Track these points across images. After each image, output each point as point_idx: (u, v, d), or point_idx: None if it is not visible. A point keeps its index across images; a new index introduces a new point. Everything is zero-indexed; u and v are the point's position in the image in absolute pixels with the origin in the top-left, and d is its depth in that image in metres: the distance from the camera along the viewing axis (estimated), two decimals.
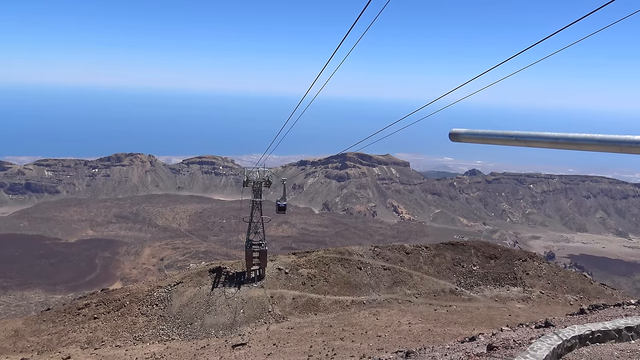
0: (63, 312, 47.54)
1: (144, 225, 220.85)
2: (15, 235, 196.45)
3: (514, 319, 38.11)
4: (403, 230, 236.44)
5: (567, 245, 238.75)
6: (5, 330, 44.70)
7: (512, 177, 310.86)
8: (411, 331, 36.50)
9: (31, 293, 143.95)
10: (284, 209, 50.05)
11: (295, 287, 47.61)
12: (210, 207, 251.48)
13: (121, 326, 43.44)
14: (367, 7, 9.93)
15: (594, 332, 13.99)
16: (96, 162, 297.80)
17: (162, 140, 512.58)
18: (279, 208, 49.58)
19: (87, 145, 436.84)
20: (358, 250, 54.61)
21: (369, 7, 9.96)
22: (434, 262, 53.29)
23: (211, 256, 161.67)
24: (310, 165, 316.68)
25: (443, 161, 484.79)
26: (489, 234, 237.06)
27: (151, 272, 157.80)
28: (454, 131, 5.61)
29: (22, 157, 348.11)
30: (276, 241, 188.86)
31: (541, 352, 12.28)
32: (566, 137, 4.44)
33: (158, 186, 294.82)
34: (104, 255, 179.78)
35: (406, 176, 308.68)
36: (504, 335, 17.69)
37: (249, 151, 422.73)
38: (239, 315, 43.45)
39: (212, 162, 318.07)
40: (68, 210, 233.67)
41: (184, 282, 48.36)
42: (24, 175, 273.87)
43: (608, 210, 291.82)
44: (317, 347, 34.04)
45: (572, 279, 53.25)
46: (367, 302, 46.29)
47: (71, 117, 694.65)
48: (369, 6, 9.86)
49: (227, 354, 35.11)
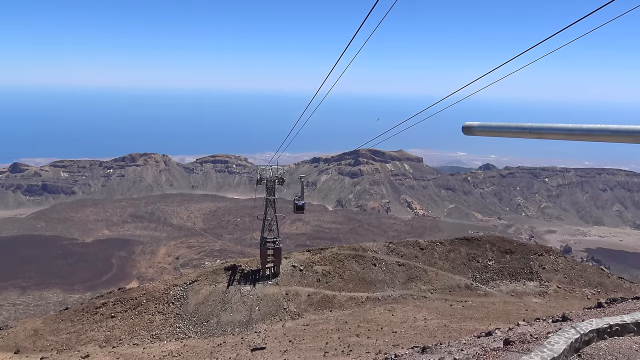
0: (81, 311, 48.09)
1: (159, 224, 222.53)
2: (33, 236, 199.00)
3: (531, 313, 37.83)
4: (417, 226, 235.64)
5: (583, 239, 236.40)
6: (25, 330, 45.32)
7: (527, 171, 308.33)
8: (427, 327, 36.40)
9: (49, 293, 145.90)
10: (302, 208, 47.56)
11: (310, 284, 47.69)
12: (224, 205, 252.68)
13: (138, 324, 43.85)
14: (377, 4, 9.90)
15: (612, 326, 13.86)
16: (111, 163, 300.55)
17: (176, 140, 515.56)
18: (297, 207, 47.30)
19: (102, 146, 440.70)
20: (372, 247, 54.53)
21: (379, 4, 9.94)
22: (448, 258, 53.05)
23: (226, 254, 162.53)
24: (323, 163, 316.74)
25: (456, 156, 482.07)
26: (504, 229, 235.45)
27: (167, 271, 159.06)
28: (467, 124, 5.60)
29: (38, 159, 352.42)
30: (290, 238, 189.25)
31: (558, 346, 12.20)
32: (581, 129, 4.41)
33: (172, 185, 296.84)
34: (120, 254, 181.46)
35: (419, 172, 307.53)
36: (520, 329, 17.60)
37: (262, 149, 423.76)
38: (255, 312, 43.64)
39: (225, 161, 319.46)
40: (84, 211, 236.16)
41: (199, 280, 48.67)
42: (41, 176, 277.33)
43: (625, 203, 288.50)
44: (333, 344, 34.09)
45: (589, 272, 52.71)
46: (382, 299, 46.23)
47: (86, 119, 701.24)
48: (379, 3, 9.84)
49: (243, 352, 35.29)
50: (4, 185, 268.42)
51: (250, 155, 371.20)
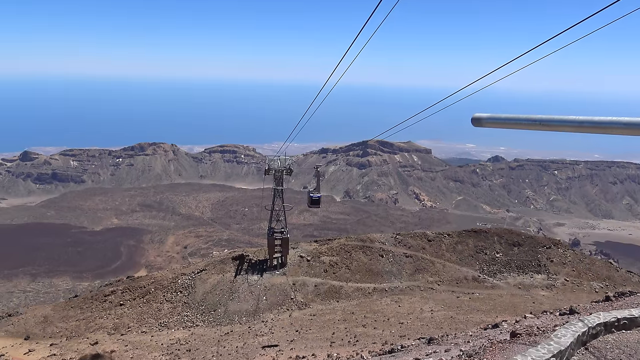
0: (90, 298, 48.60)
1: (168, 213, 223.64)
2: (43, 224, 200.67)
3: (538, 306, 37.78)
4: (425, 218, 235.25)
5: (592, 232, 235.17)
6: (35, 317, 45.87)
7: (536, 164, 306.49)
8: (433, 318, 36.46)
9: (59, 280, 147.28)
10: (317, 202, 42.78)
11: (317, 274, 47.84)
12: (232, 195, 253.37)
13: (146, 312, 44.24)
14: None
15: (619, 320, 13.83)
16: (120, 152, 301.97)
17: (184, 130, 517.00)
18: (312, 201, 42.72)
19: (111, 135, 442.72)
20: (380, 238, 54.56)
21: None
22: (456, 250, 52.99)
23: (234, 244, 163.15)
24: (331, 153, 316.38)
25: (465, 148, 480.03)
26: (512, 221, 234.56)
27: (175, 260, 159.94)
28: (477, 116, 5.56)
29: (48, 148, 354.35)
30: (298, 229, 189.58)
31: (565, 339, 12.19)
32: (591, 121, 4.36)
33: (181, 175, 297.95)
34: (129, 243, 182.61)
35: (428, 163, 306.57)
36: (527, 322, 17.58)
37: (270, 139, 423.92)
38: (262, 302, 43.88)
39: (233, 151, 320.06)
40: (93, 199, 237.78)
41: (207, 269, 48.97)
42: (50, 165, 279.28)
43: (635, 196, 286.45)
44: (340, 334, 34.23)
45: (598, 266, 52.49)
46: (389, 290, 46.32)
47: (95, 108, 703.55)
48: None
49: (250, 340, 35.51)
50: (14, 174, 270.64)
51: (259, 145, 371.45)
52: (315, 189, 43.32)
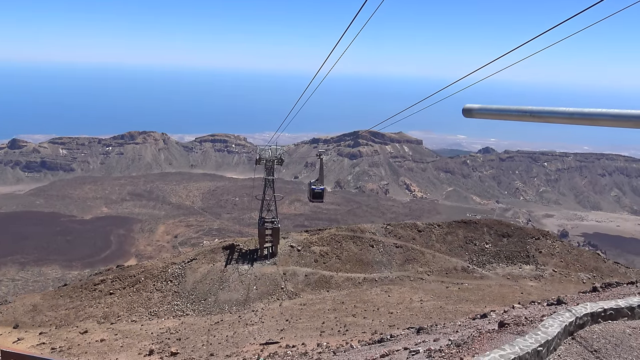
0: (80, 287, 48.45)
1: (158, 202, 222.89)
2: (32, 212, 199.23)
3: (526, 296, 38.14)
4: (415, 209, 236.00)
5: (581, 224, 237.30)
6: (24, 305, 45.67)
7: (526, 155, 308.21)
8: (423, 308, 36.72)
9: (48, 269, 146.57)
10: (321, 196, 38.62)
11: (308, 264, 47.99)
12: (223, 185, 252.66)
13: (136, 302, 44.21)
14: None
15: (606, 310, 13.99)
16: (110, 140, 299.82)
17: (175, 119, 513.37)
18: (314, 195, 38.54)
19: (101, 123, 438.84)
20: (370, 228, 54.77)
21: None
22: (446, 240, 53.32)
23: (224, 233, 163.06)
24: (322, 143, 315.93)
25: (456, 139, 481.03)
26: (502, 212, 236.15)
27: (165, 249, 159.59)
28: (468, 107, 5.57)
29: (37, 136, 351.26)
30: (288, 219, 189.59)
31: (552, 329, 12.33)
32: (581, 113, 4.38)
33: (171, 164, 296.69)
34: (119, 232, 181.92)
35: (419, 154, 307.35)
36: (515, 312, 17.76)
37: (261, 129, 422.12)
38: (252, 291, 43.98)
39: (224, 140, 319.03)
40: (83, 188, 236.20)
41: (197, 259, 48.96)
42: (39, 153, 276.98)
43: (623, 188, 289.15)
44: (330, 324, 34.40)
45: (586, 257, 53.08)
46: (379, 280, 46.58)
47: (85, 96, 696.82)
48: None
49: (240, 330, 35.62)
50: (2, 162, 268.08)
51: (250, 135, 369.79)
52: (318, 180, 38.63)
